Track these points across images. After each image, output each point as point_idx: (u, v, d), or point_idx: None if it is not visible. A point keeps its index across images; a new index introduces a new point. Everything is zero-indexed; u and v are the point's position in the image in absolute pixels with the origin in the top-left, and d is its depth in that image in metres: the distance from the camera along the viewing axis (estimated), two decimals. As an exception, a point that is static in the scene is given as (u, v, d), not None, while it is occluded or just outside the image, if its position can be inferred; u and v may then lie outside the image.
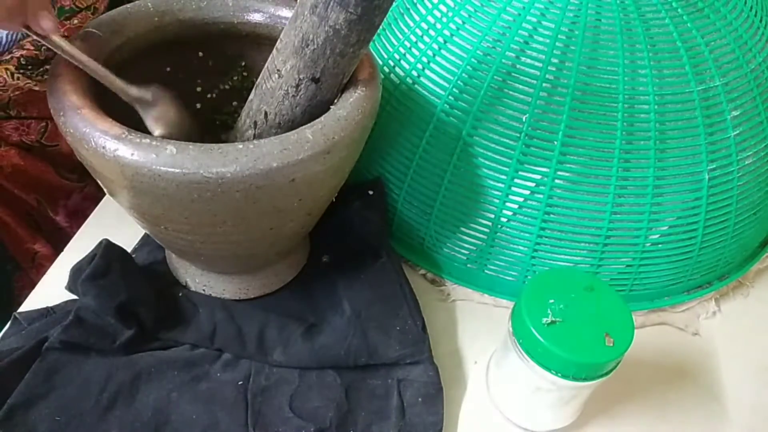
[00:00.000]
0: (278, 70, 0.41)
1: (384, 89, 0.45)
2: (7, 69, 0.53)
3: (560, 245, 0.50)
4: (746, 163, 0.49)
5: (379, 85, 0.43)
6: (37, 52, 0.42)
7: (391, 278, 0.50)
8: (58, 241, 0.59)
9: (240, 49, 0.49)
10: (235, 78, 0.51)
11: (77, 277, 0.46)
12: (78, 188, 0.67)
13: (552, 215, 0.49)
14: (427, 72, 0.50)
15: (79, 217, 0.65)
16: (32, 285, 0.51)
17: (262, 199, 0.37)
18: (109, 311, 0.44)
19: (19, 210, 0.64)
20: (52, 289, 0.49)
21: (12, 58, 0.52)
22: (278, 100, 0.42)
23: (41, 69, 0.58)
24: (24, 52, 0.51)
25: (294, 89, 0.41)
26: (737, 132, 0.48)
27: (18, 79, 0.53)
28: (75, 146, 0.37)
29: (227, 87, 0.51)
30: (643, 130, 0.47)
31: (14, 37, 0.49)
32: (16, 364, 0.43)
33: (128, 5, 0.45)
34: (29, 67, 0.53)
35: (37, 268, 0.64)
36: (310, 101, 0.41)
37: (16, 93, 0.54)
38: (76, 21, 0.57)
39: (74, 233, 0.56)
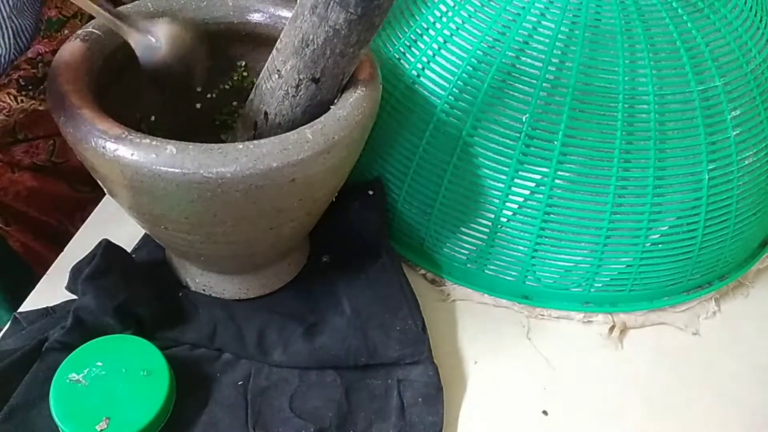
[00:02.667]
0: (278, 70, 0.41)
1: (384, 89, 0.45)
2: (9, 93, 0.52)
3: (560, 245, 0.50)
4: (746, 163, 0.49)
5: (379, 85, 0.43)
6: (34, 71, 0.40)
7: (391, 278, 0.50)
8: None
9: (240, 49, 0.49)
10: (235, 78, 0.51)
11: (77, 277, 0.46)
12: (92, 199, 0.67)
13: (552, 215, 0.49)
14: (427, 72, 0.50)
15: None
16: None
17: (262, 199, 0.37)
18: (109, 311, 0.44)
19: (43, 233, 0.63)
20: (52, 289, 0.49)
21: (10, 80, 0.50)
22: (278, 100, 0.42)
23: (41, 87, 0.57)
24: (21, 73, 0.50)
25: (294, 89, 0.41)
26: (737, 132, 0.48)
27: (21, 102, 0.52)
28: (75, 146, 0.37)
29: (227, 87, 0.51)
30: (643, 130, 0.47)
31: (9, 58, 0.48)
32: (17, 365, 0.43)
33: (128, 5, 0.45)
34: (29, 88, 0.51)
35: None
36: (310, 101, 0.41)
37: (21, 116, 0.52)
38: (66, 31, 0.56)
39: None
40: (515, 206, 0.49)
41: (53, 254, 0.62)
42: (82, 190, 0.66)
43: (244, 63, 0.50)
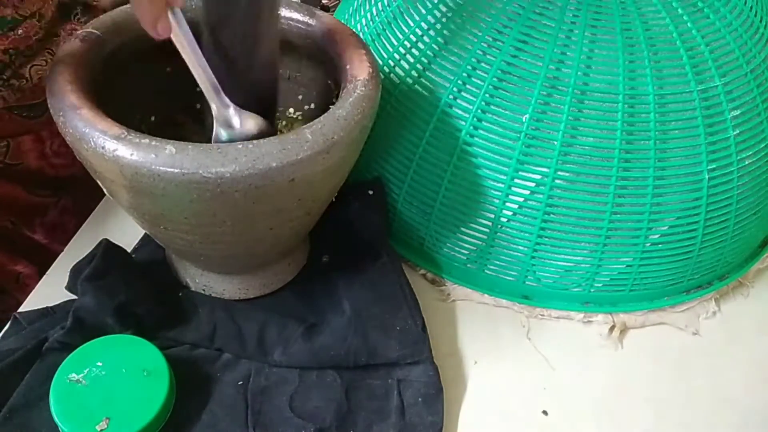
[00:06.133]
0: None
1: (384, 89, 0.45)
2: None
3: (560, 245, 0.50)
4: (746, 163, 0.49)
5: (379, 85, 0.43)
6: None
7: (391, 278, 0.50)
8: (41, 259, 0.57)
9: (240, 49, 0.49)
10: (235, 78, 0.51)
11: (77, 277, 0.46)
12: (53, 203, 0.64)
13: (552, 215, 0.49)
14: (427, 72, 0.50)
15: (58, 231, 0.63)
16: (18, 306, 0.49)
17: (261, 199, 0.37)
18: (109, 311, 0.44)
19: None
20: (52, 289, 0.49)
21: None
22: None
23: None
24: None
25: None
26: (737, 132, 0.48)
27: None
28: (75, 146, 0.37)
29: (227, 87, 0.51)
30: (643, 130, 0.47)
31: None
32: (16, 365, 0.43)
33: (128, 5, 0.45)
34: None
35: (22, 288, 0.62)
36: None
37: None
38: (20, 31, 0.53)
39: (56, 249, 0.54)
40: (515, 206, 0.49)
41: (4, 255, 0.60)
42: (40, 194, 0.63)
43: (244, 63, 0.50)
